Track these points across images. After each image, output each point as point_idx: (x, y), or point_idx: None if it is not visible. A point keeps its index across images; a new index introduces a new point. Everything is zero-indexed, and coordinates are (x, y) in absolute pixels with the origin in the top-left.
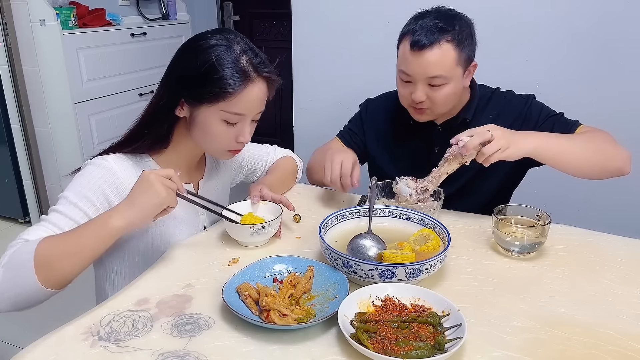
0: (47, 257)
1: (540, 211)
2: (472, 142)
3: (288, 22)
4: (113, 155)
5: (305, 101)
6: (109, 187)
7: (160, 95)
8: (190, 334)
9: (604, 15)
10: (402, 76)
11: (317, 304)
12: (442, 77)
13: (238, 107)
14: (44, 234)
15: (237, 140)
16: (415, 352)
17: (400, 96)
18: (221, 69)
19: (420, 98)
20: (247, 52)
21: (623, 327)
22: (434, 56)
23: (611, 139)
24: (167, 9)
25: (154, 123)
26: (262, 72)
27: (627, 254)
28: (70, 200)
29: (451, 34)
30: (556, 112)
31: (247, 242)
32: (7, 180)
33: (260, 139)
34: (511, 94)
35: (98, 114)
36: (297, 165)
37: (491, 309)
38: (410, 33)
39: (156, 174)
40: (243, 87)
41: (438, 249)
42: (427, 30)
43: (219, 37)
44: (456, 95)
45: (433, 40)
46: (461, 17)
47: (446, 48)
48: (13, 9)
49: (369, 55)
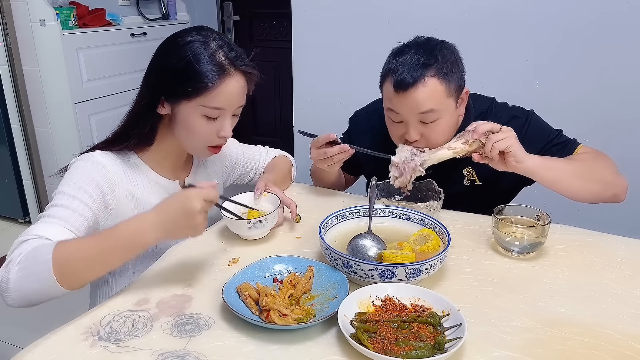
0: (68, 261)
1: (540, 211)
2: (482, 127)
3: (288, 22)
4: (99, 152)
5: (305, 101)
6: (101, 178)
7: (141, 94)
8: (190, 334)
9: (604, 16)
10: (392, 116)
11: (317, 304)
12: (434, 111)
13: (217, 101)
14: (52, 229)
15: (219, 135)
16: (415, 352)
17: (391, 135)
18: (198, 64)
19: (414, 138)
20: (222, 47)
21: (623, 327)
22: (420, 94)
23: (611, 166)
24: (167, 9)
25: (138, 122)
26: (238, 66)
27: (627, 254)
28: (68, 193)
29: (435, 67)
30: (555, 130)
31: (247, 236)
32: (7, 180)
33: (260, 139)
34: (508, 114)
35: (98, 114)
36: (292, 163)
37: (491, 309)
38: (391, 73)
39: (198, 198)
40: (220, 81)
41: (438, 249)
42: (408, 68)
43: (194, 34)
44: (452, 128)
45: (417, 77)
46: (442, 46)
47: (432, 83)
48: (13, 9)
49: (369, 55)
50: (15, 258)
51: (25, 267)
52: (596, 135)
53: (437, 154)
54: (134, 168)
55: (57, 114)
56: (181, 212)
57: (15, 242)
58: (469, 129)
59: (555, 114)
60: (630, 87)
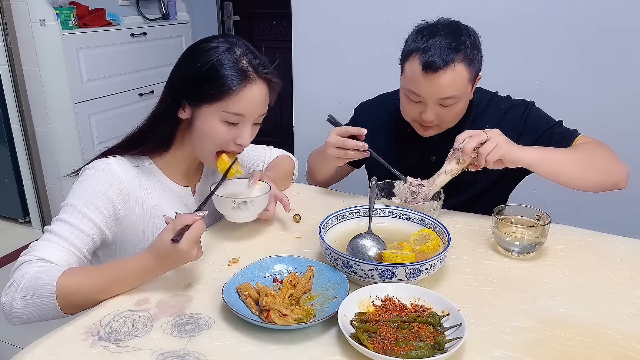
0: (73, 296)
1: (540, 211)
2: (468, 144)
3: (288, 22)
4: (114, 158)
5: (305, 101)
6: (114, 192)
7: (164, 98)
8: (190, 334)
9: (604, 15)
10: (411, 96)
11: (317, 304)
12: (455, 97)
13: (238, 107)
14: (56, 252)
15: (236, 141)
16: (415, 352)
17: (404, 112)
18: (221, 69)
19: (430, 118)
20: (247, 54)
21: (623, 327)
22: (448, 78)
23: (610, 154)
24: (167, 9)
25: (158, 126)
26: (261, 73)
27: (627, 254)
28: (78, 210)
29: (463, 52)
30: (555, 120)
31: (232, 217)
32: (7, 180)
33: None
34: (509, 103)
35: (98, 114)
36: (294, 163)
37: (491, 309)
38: (421, 52)
39: (191, 247)
40: (242, 87)
41: (438, 249)
42: (440, 51)
43: (220, 40)
44: (464, 111)
45: (448, 61)
46: (469, 31)
47: (460, 69)
48: (13, 9)
49: (370, 55)
50: (18, 281)
51: (29, 296)
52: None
53: (436, 183)
54: (147, 174)
55: (57, 114)
56: (179, 260)
57: (18, 260)
58: (456, 146)
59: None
60: (630, 87)
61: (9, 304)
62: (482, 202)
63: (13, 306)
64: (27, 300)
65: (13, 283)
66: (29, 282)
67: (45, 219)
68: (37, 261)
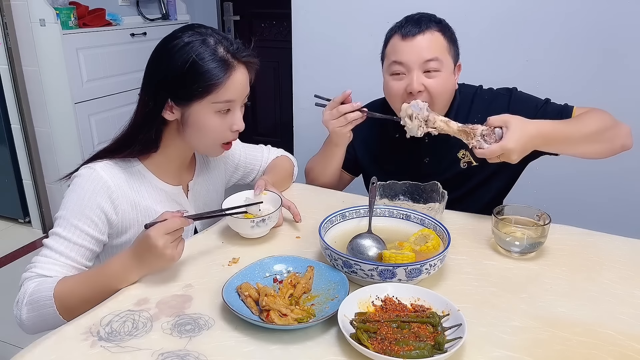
0: (68, 302)
1: (540, 211)
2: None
3: (288, 22)
4: (101, 163)
5: (305, 101)
6: (102, 198)
7: (144, 102)
8: (190, 334)
9: (604, 15)
10: (395, 67)
11: (317, 304)
12: (437, 60)
13: (227, 95)
14: (53, 268)
15: (232, 129)
16: (415, 352)
17: (392, 95)
18: (203, 64)
19: (417, 87)
20: (221, 42)
21: (623, 327)
22: (426, 40)
23: (610, 117)
24: (167, 9)
25: (142, 129)
26: (241, 58)
27: (627, 254)
28: (71, 222)
29: (439, 25)
30: (542, 100)
31: (248, 234)
32: (7, 180)
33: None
34: (492, 94)
35: (98, 114)
36: (294, 164)
37: (491, 309)
38: (398, 28)
39: (158, 236)
40: (228, 76)
41: (438, 249)
42: (415, 21)
43: (190, 34)
44: (450, 89)
45: (423, 27)
46: (445, 21)
47: (437, 35)
48: (13, 9)
49: (369, 55)
50: (21, 297)
51: (32, 309)
52: None
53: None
54: (137, 176)
55: (57, 114)
56: (148, 252)
57: (22, 277)
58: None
59: None
60: (631, 86)
61: (19, 318)
62: (484, 191)
63: (22, 320)
64: (32, 313)
65: (18, 300)
66: (30, 296)
67: (45, 219)
68: (37, 279)
